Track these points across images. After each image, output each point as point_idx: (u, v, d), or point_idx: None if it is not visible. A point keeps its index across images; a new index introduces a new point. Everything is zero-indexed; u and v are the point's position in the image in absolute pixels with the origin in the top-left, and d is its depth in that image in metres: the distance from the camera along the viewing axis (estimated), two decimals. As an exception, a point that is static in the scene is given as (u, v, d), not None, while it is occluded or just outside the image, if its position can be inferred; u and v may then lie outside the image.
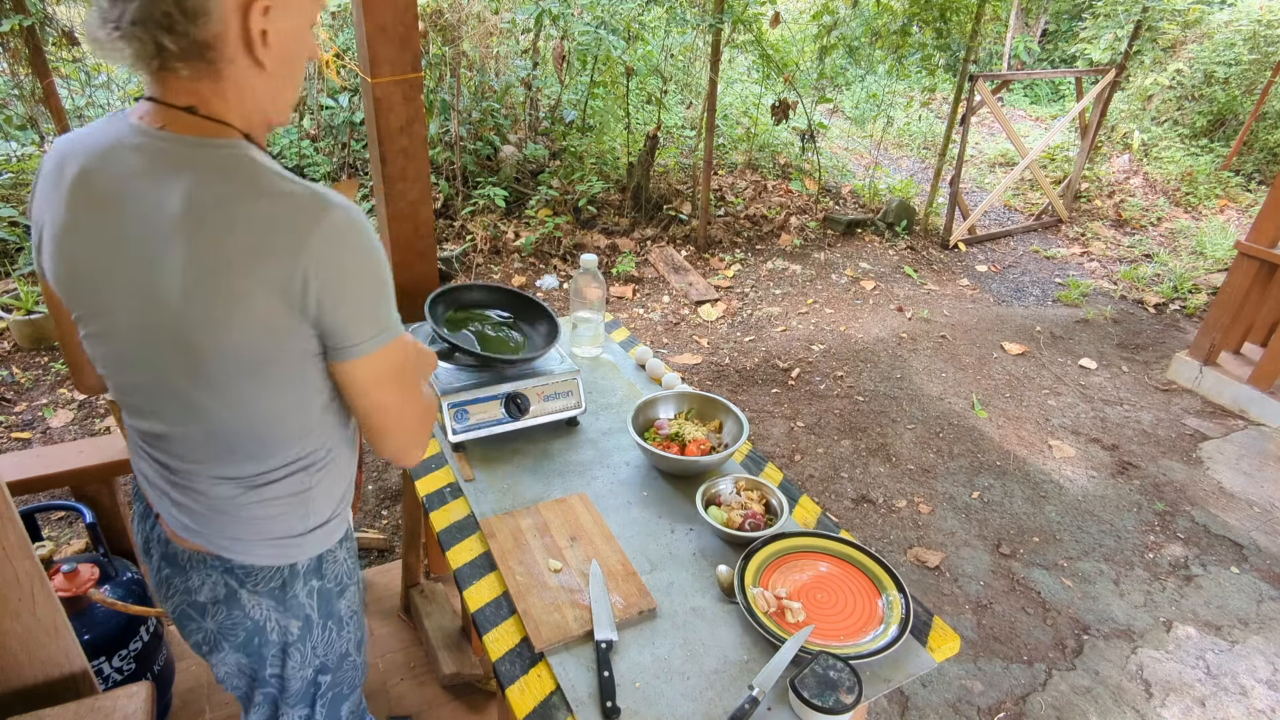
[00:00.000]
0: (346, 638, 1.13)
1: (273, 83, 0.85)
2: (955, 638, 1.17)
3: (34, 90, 3.71)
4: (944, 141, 5.63)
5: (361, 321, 0.85)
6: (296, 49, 0.86)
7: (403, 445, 0.97)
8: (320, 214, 0.79)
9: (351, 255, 0.81)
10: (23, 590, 1.19)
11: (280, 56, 0.83)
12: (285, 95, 0.89)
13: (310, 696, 1.13)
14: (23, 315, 3.55)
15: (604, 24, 5.19)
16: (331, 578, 1.06)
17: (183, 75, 0.79)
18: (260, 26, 0.79)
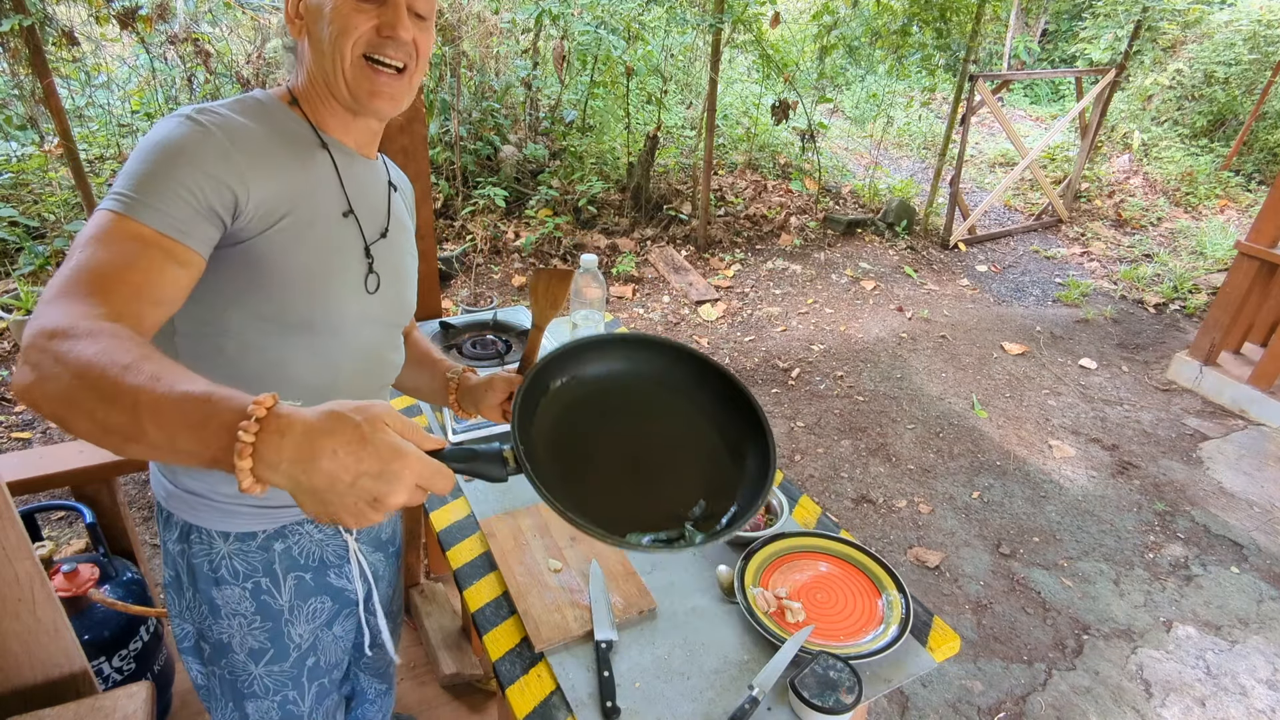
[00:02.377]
0: (227, 631, 1.04)
1: (315, 51, 0.92)
2: (955, 638, 1.17)
3: (34, 90, 3.71)
4: (944, 141, 5.63)
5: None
6: (318, 12, 0.89)
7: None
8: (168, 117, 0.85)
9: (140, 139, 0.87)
10: (23, 590, 1.19)
11: (311, 24, 0.91)
12: (323, 64, 0.92)
13: (199, 655, 1.09)
14: (23, 315, 3.55)
15: (604, 24, 5.19)
16: (201, 556, 1.00)
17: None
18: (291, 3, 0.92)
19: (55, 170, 4.14)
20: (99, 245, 0.74)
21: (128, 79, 4.87)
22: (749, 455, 0.86)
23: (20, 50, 3.50)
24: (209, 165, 0.81)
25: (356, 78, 0.91)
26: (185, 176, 0.79)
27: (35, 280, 3.78)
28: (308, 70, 0.93)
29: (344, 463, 0.59)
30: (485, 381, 1.09)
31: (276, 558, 1.03)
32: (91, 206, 3.50)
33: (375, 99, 0.92)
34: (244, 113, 0.88)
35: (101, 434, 0.63)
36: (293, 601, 1.06)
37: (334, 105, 0.95)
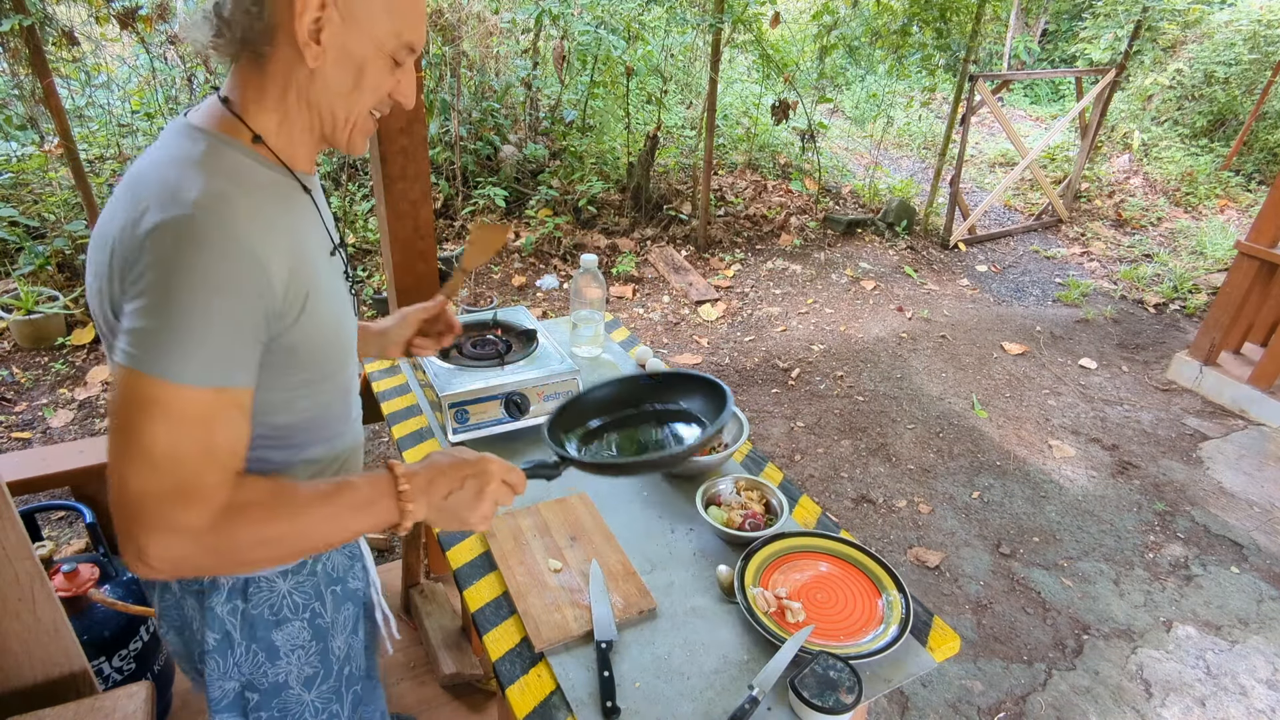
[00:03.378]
0: (284, 670, 1.04)
1: (320, 88, 0.84)
2: (955, 638, 1.17)
3: (34, 90, 3.71)
4: (944, 141, 5.63)
5: (125, 321, 0.74)
6: (357, 65, 0.84)
7: (118, 521, 0.74)
8: (156, 215, 0.73)
9: (146, 257, 0.72)
10: (23, 590, 1.19)
11: (335, 63, 0.82)
12: (342, 112, 0.86)
13: (240, 708, 1.06)
14: (23, 315, 3.55)
15: (604, 24, 5.20)
16: (262, 604, 0.99)
17: (240, 65, 0.83)
18: (310, 18, 0.78)
19: (55, 170, 4.14)
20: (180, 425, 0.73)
21: (128, 79, 4.87)
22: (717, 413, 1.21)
23: (20, 50, 3.50)
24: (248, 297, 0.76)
25: (362, 131, 0.90)
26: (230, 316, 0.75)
27: (35, 280, 3.78)
28: (303, 105, 0.85)
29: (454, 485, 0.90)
30: (397, 319, 1.25)
31: (320, 579, 1.05)
32: (92, 207, 3.50)
33: (362, 145, 0.93)
34: (240, 187, 0.79)
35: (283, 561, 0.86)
36: (332, 616, 1.07)
37: (312, 140, 0.89)
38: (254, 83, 0.83)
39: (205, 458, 0.75)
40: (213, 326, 0.73)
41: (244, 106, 0.84)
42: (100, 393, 3.33)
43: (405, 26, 0.85)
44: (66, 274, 3.93)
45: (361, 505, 0.85)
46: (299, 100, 0.84)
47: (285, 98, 0.84)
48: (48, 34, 3.85)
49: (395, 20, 0.83)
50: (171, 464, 0.73)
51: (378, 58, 0.84)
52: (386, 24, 0.83)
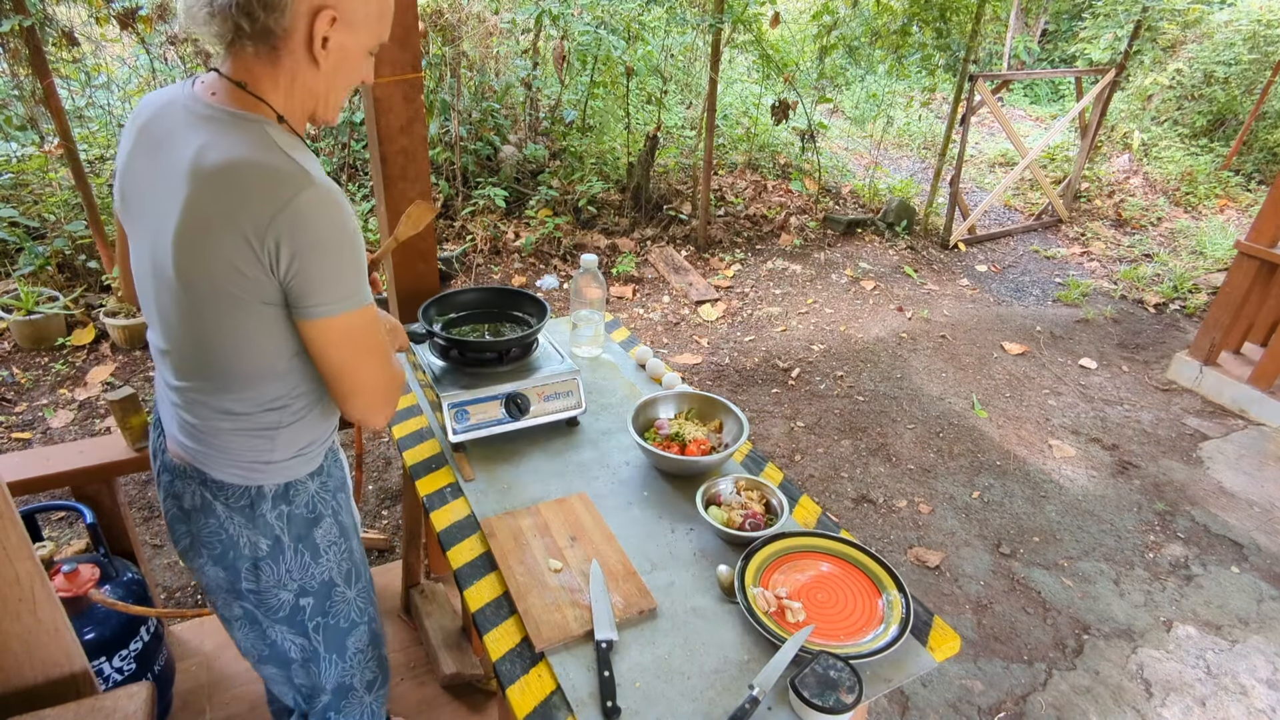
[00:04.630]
0: (327, 566, 1.20)
1: (323, 83, 1.01)
2: (955, 637, 1.17)
3: (34, 90, 3.72)
4: (944, 141, 5.63)
5: (325, 286, 0.95)
6: (351, 63, 1.02)
7: (366, 407, 1.07)
8: (298, 189, 0.90)
9: (320, 228, 0.92)
10: (23, 590, 1.19)
11: (336, 64, 0.99)
12: (333, 97, 1.04)
13: (299, 623, 1.21)
14: (23, 315, 3.55)
15: (604, 24, 5.20)
16: (301, 504, 1.15)
17: (247, 53, 0.95)
18: (324, 32, 0.94)
19: (55, 171, 4.14)
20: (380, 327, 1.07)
21: (128, 79, 4.87)
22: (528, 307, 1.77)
23: (20, 50, 3.51)
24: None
25: (338, 106, 1.08)
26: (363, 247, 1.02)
27: (35, 280, 3.78)
28: (303, 92, 1.01)
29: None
30: None
31: (334, 482, 1.22)
32: (92, 207, 3.51)
33: (336, 117, 1.10)
34: (309, 156, 0.98)
35: None
36: (347, 517, 1.25)
37: (303, 118, 1.06)
38: (267, 73, 0.97)
39: (387, 341, 1.08)
40: (363, 258, 1.00)
41: (265, 93, 0.98)
42: (100, 392, 3.33)
43: (385, 28, 1.04)
44: (66, 274, 3.93)
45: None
46: (301, 88, 1.00)
47: (292, 86, 0.99)
48: (48, 34, 3.86)
49: (381, 24, 1.02)
50: (386, 353, 1.07)
51: (363, 55, 1.03)
52: (375, 28, 1.01)
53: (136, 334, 3.66)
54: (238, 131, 0.94)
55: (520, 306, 1.77)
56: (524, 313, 1.76)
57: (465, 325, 1.73)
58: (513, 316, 1.76)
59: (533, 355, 1.65)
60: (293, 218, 0.90)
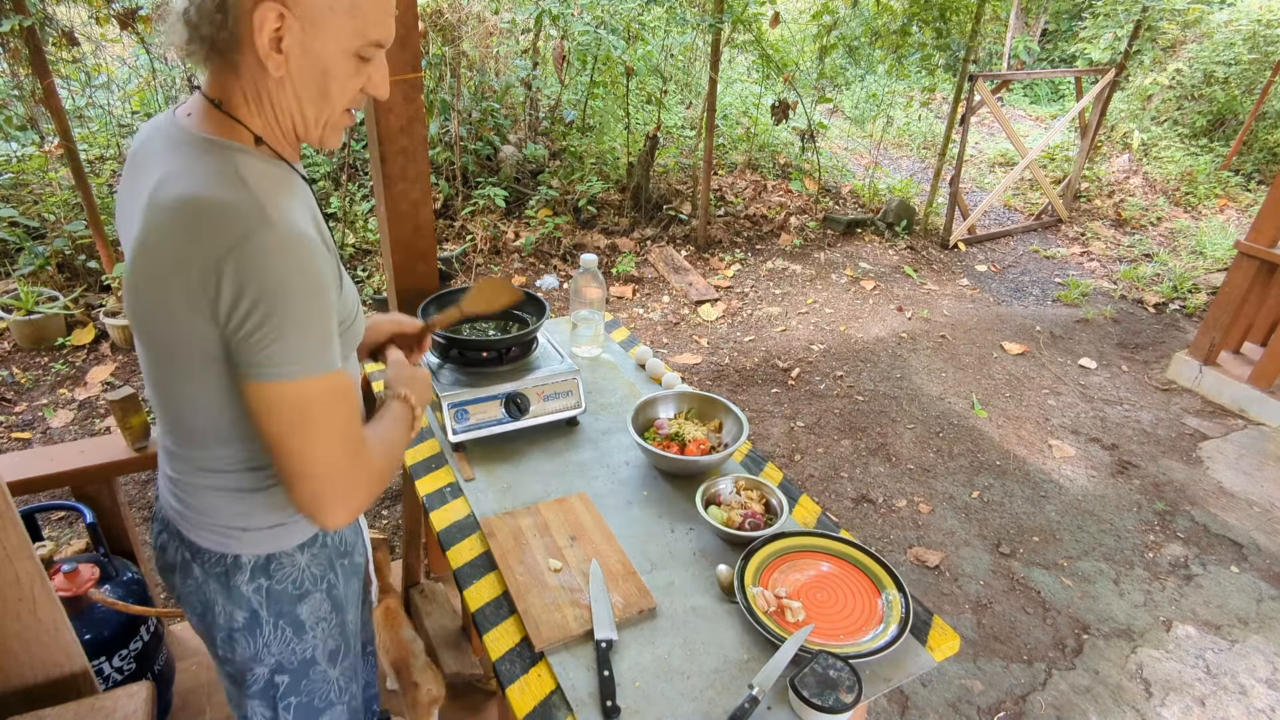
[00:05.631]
0: (311, 644, 1.08)
1: (289, 95, 0.87)
2: (955, 637, 1.17)
3: (34, 90, 3.71)
4: (944, 141, 5.63)
5: (263, 345, 0.81)
6: (323, 68, 0.85)
7: (314, 498, 0.88)
8: (249, 231, 0.78)
9: (270, 276, 0.79)
10: (23, 590, 1.19)
11: (300, 70, 0.84)
12: (309, 113, 0.89)
13: (270, 699, 1.09)
14: (23, 315, 3.55)
15: (604, 24, 5.20)
16: (286, 579, 1.03)
17: (215, 67, 0.85)
18: (269, 31, 0.79)
19: (55, 170, 4.14)
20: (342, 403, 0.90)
21: (128, 79, 4.87)
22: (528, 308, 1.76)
23: (20, 50, 3.51)
24: (331, 283, 0.86)
25: (336, 128, 0.93)
26: (330, 303, 0.86)
27: (35, 280, 3.78)
28: (274, 109, 0.88)
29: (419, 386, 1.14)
30: (370, 324, 1.26)
31: (331, 550, 1.10)
32: (92, 206, 3.50)
33: (337, 140, 0.95)
34: (279, 188, 0.86)
35: None
36: (345, 589, 1.13)
37: (290, 139, 0.93)
38: (236, 87, 0.86)
39: (355, 421, 0.92)
40: (326, 321, 0.85)
41: (237, 112, 0.87)
42: (100, 392, 3.33)
43: (370, 24, 0.86)
44: (66, 274, 3.93)
45: (398, 418, 1.07)
46: (270, 105, 0.87)
47: (263, 103, 0.87)
48: (48, 34, 3.86)
49: (359, 20, 0.84)
50: (348, 435, 0.90)
51: (344, 59, 0.86)
52: (349, 25, 0.84)
53: (136, 334, 3.66)
54: (201, 160, 0.83)
55: (520, 306, 1.77)
56: (523, 312, 1.76)
57: (465, 324, 1.73)
58: (512, 316, 1.76)
59: (532, 355, 1.65)
60: (240, 262, 0.77)
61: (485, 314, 1.23)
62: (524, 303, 1.77)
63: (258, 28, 0.79)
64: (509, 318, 1.76)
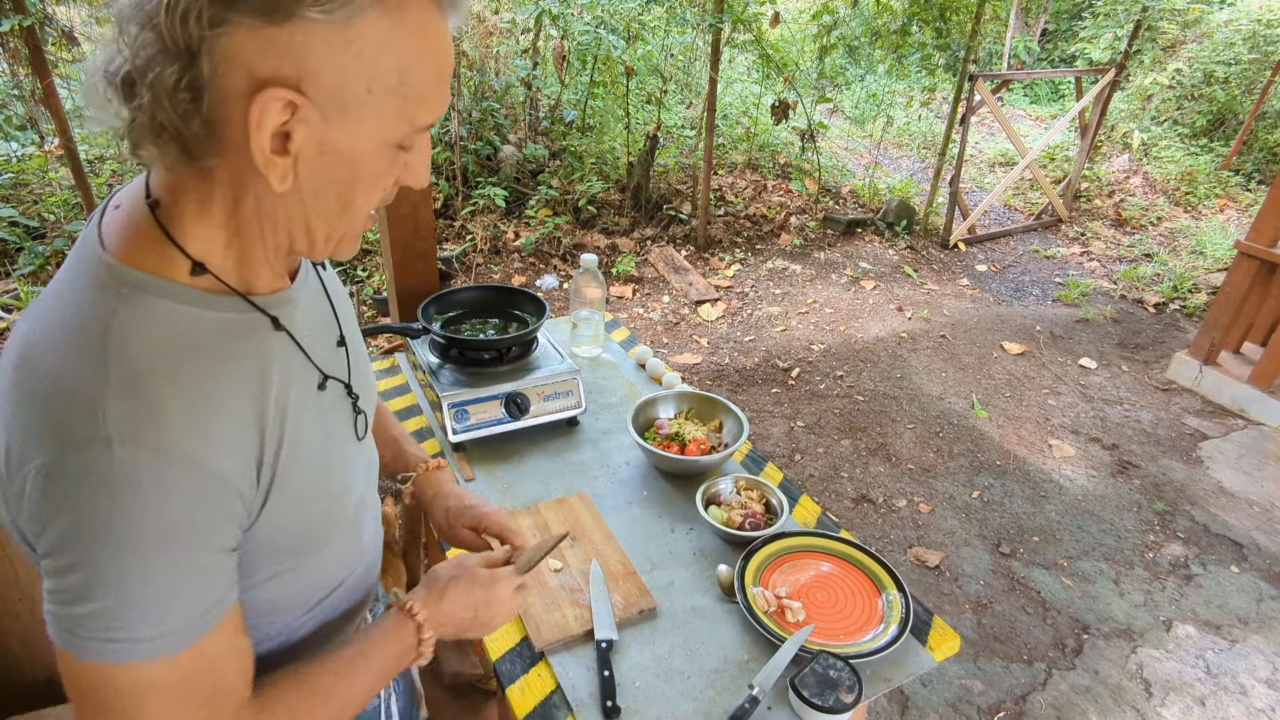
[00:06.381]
0: None
1: (291, 207, 0.60)
2: (955, 637, 1.17)
3: (34, 90, 3.72)
4: (944, 141, 5.63)
5: (52, 598, 0.56)
6: (348, 170, 0.59)
7: None
8: (78, 441, 0.53)
9: (59, 520, 0.54)
10: (23, 590, 1.19)
11: (314, 175, 0.58)
12: (315, 227, 0.62)
13: None
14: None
15: (604, 24, 5.19)
16: None
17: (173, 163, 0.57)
18: (272, 126, 0.54)
19: (55, 170, 4.14)
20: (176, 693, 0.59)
21: (128, 79, 4.87)
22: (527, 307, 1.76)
23: (20, 50, 3.51)
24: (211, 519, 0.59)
25: (353, 239, 0.67)
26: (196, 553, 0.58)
27: (35, 280, 3.78)
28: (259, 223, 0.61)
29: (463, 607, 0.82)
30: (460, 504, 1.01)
31: None
32: (91, 207, 3.50)
33: (352, 251, 0.68)
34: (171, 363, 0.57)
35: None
36: None
37: (278, 256, 0.65)
38: (193, 192, 0.59)
39: (215, 703, 0.63)
40: (180, 578, 0.57)
41: (180, 221, 0.60)
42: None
43: (422, 104, 0.60)
44: (66, 274, 3.93)
45: (388, 670, 0.77)
46: (257, 217, 0.61)
47: (237, 213, 0.60)
48: (48, 34, 3.86)
49: (408, 100, 0.59)
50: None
51: (380, 153, 0.60)
52: (393, 109, 0.58)
53: (136, 334, 3.66)
54: (75, 299, 0.58)
55: (520, 305, 1.77)
56: (523, 312, 1.76)
57: (465, 324, 1.73)
58: (512, 315, 1.76)
59: (532, 355, 1.65)
60: (38, 492, 0.54)
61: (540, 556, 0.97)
62: (524, 302, 1.77)
63: (255, 124, 0.53)
64: (509, 317, 1.76)
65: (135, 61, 0.52)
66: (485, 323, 1.74)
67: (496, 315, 1.77)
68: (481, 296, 1.80)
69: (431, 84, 0.60)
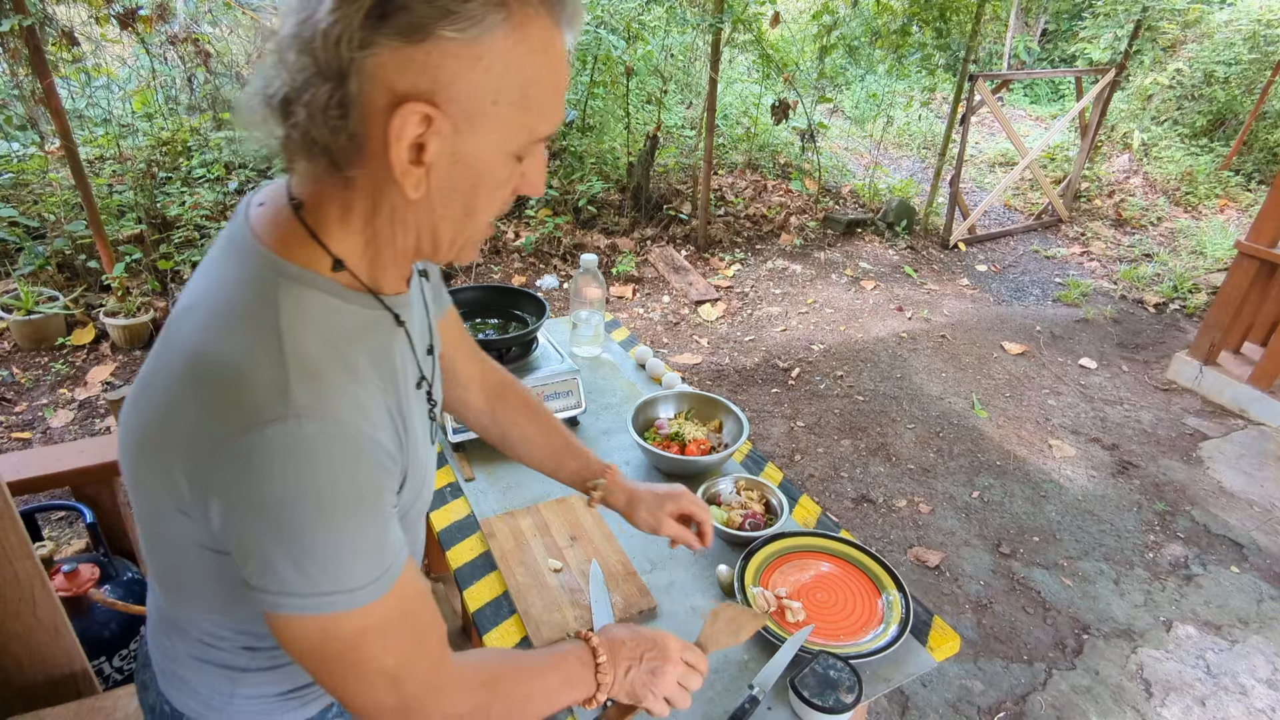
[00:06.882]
0: None
1: (422, 213, 0.65)
2: (955, 637, 1.17)
3: (34, 90, 3.71)
4: (944, 141, 5.63)
5: (258, 569, 0.61)
6: (473, 178, 0.64)
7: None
8: (258, 421, 0.58)
9: (274, 484, 0.58)
10: (23, 590, 1.19)
11: (444, 183, 0.63)
12: (441, 231, 0.67)
13: None
14: (23, 315, 3.55)
15: (604, 24, 5.19)
16: None
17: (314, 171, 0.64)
18: (411, 138, 0.59)
19: (55, 171, 4.14)
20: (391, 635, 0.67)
21: (128, 79, 4.87)
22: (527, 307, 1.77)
23: (20, 50, 3.50)
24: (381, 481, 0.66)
25: (474, 244, 0.72)
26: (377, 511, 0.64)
27: (35, 280, 3.78)
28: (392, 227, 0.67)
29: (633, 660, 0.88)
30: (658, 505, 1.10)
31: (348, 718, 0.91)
32: (92, 207, 3.50)
33: (473, 256, 0.74)
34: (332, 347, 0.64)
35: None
36: None
37: (406, 259, 0.71)
38: (339, 197, 0.65)
39: (423, 636, 0.71)
40: (377, 531, 0.64)
41: (325, 224, 0.66)
42: (100, 392, 3.33)
43: (543, 116, 0.64)
44: (66, 274, 3.93)
45: (572, 679, 0.84)
46: (391, 222, 0.66)
47: (374, 219, 0.66)
48: (48, 34, 3.85)
49: (530, 112, 0.63)
50: (407, 667, 0.69)
51: (502, 163, 0.65)
52: (516, 120, 0.63)
53: (136, 334, 3.66)
54: (238, 291, 0.64)
55: (520, 306, 1.77)
56: (523, 312, 1.76)
57: (465, 324, 1.73)
58: (512, 315, 1.76)
59: (533, 355, 1.65)
60: (230, 466, 0.58)
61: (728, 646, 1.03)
62: (524, 302, 1.77)
63: (395, 136, 0.58)
64: (509, 317, 1.76)
65: (293, 84, 0.58)
66: (485, 323, 1.74)
67: (496, 315, 1.77)
68: (482, 296, 1.80)
69: (550, 97, 0.65)
